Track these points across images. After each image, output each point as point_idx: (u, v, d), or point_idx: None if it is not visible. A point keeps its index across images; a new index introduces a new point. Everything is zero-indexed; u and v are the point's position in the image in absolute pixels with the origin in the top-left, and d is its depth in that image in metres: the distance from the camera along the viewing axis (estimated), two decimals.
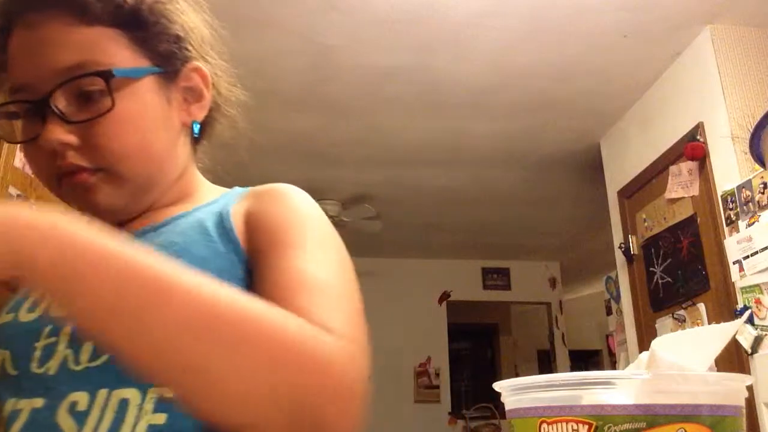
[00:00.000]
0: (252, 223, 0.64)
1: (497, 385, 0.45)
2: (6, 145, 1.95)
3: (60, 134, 0.60)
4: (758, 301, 2.42)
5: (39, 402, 0.56)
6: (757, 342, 2.43)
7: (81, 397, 0.55)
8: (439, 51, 3.07)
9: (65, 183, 0.63)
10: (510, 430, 0.44)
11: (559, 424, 0.39)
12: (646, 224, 3.39)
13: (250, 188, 0.71)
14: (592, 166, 4.11)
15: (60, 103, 0.61)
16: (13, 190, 2.03)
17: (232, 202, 0.68)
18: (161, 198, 0.69)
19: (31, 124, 0.63)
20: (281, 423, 0.45)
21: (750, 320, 2.45)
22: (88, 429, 0.53)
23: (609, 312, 4.32)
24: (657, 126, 3.30)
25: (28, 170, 2.01)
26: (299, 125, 3.79)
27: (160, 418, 0.54)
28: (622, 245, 3.57)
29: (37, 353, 0.58)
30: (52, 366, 0.57)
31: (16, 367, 0.59)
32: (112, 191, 0.64)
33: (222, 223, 0.65)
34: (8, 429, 0.55)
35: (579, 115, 3.68)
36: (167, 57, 0.67)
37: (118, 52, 0.63)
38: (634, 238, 3.50)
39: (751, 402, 2.40)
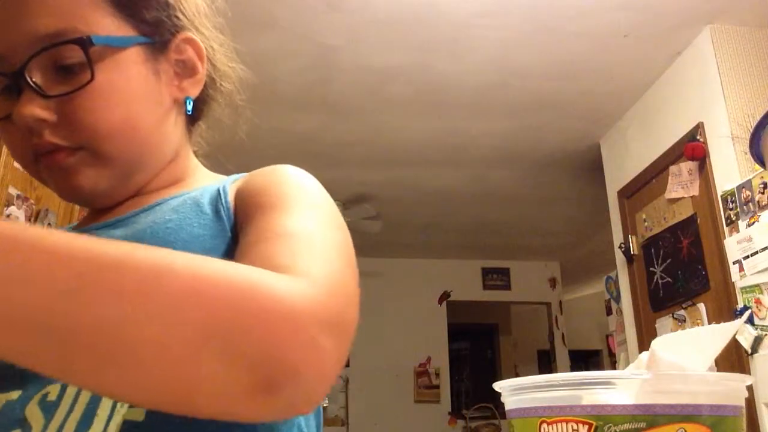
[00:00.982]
0: (242, 198, 0.60)
1: (497, 385, 0.45)
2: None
3: (35, 109, 0.55)
4: (758, 301, 2.42)
5: (15, 394, 0.53)
6: (757, 342, 2.43)
7: (53, 388, 0.51)
8: (439, 51, 3.07)
9: (43, 163, 0.58)
10: (510, 430, 0.44)
11: (559, 424, 0.39)
12: (646, 224, 3.39)
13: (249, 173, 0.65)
14: (592, 166, 4.11)
15: (36, 76, 0.55)
16: (13, 190, 2.03)
17: (229, 182, 0.64)
18: (152, 182, 0.65)
19: (7, 101, 0.57)
20: (242, 382, 0.38)
21: (750, 320, 2.45)
22: (55, 422, 0.50)
23: (609, 312, 4.32)
24: (657, 126, 3.30)
25: None
26: (299, 125, 3.79)
27: (139, 414, 0.49)
28: (622, 245, 3.57)
29: None
30: None
31: None
32: (94, 173, 0.59)
33: (218, 200, 0.61)
34: None
35: (579, 115, 3.68)
36: (155, 26, 0.61)
37: (99, 20, 0.57)
38: (634, 238, 3.50)
39: (751, 402, 2.40)
